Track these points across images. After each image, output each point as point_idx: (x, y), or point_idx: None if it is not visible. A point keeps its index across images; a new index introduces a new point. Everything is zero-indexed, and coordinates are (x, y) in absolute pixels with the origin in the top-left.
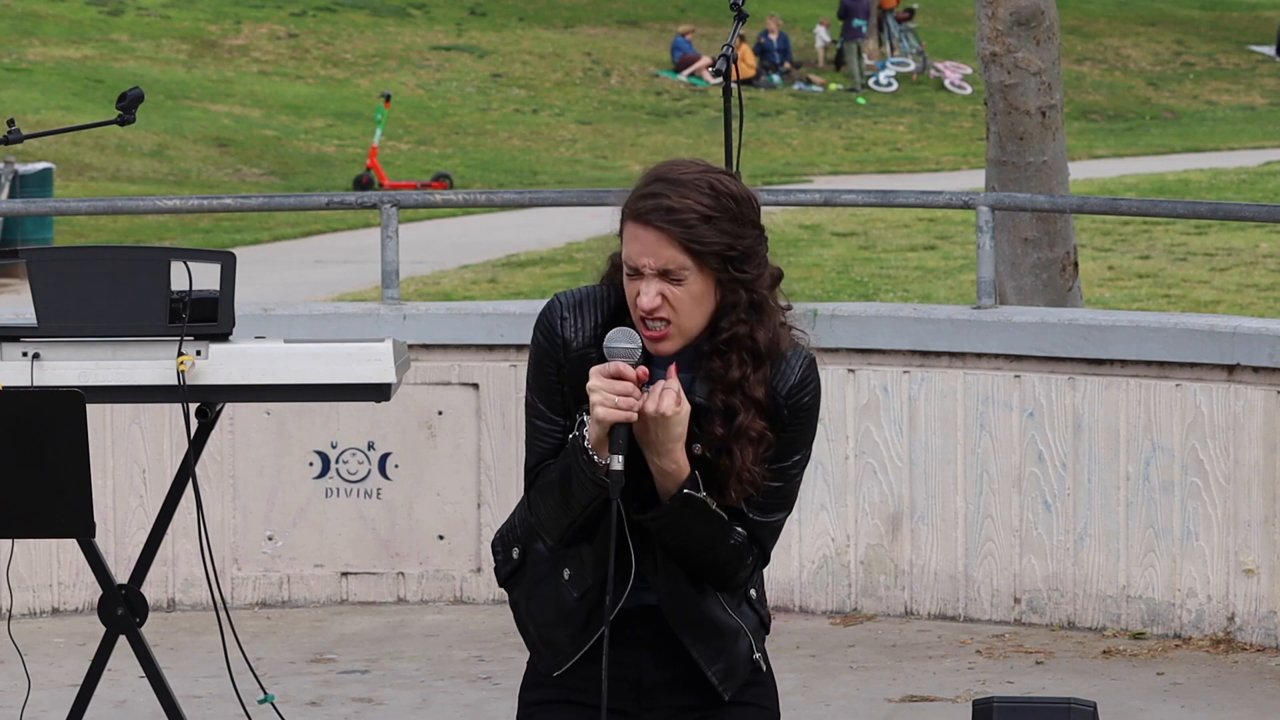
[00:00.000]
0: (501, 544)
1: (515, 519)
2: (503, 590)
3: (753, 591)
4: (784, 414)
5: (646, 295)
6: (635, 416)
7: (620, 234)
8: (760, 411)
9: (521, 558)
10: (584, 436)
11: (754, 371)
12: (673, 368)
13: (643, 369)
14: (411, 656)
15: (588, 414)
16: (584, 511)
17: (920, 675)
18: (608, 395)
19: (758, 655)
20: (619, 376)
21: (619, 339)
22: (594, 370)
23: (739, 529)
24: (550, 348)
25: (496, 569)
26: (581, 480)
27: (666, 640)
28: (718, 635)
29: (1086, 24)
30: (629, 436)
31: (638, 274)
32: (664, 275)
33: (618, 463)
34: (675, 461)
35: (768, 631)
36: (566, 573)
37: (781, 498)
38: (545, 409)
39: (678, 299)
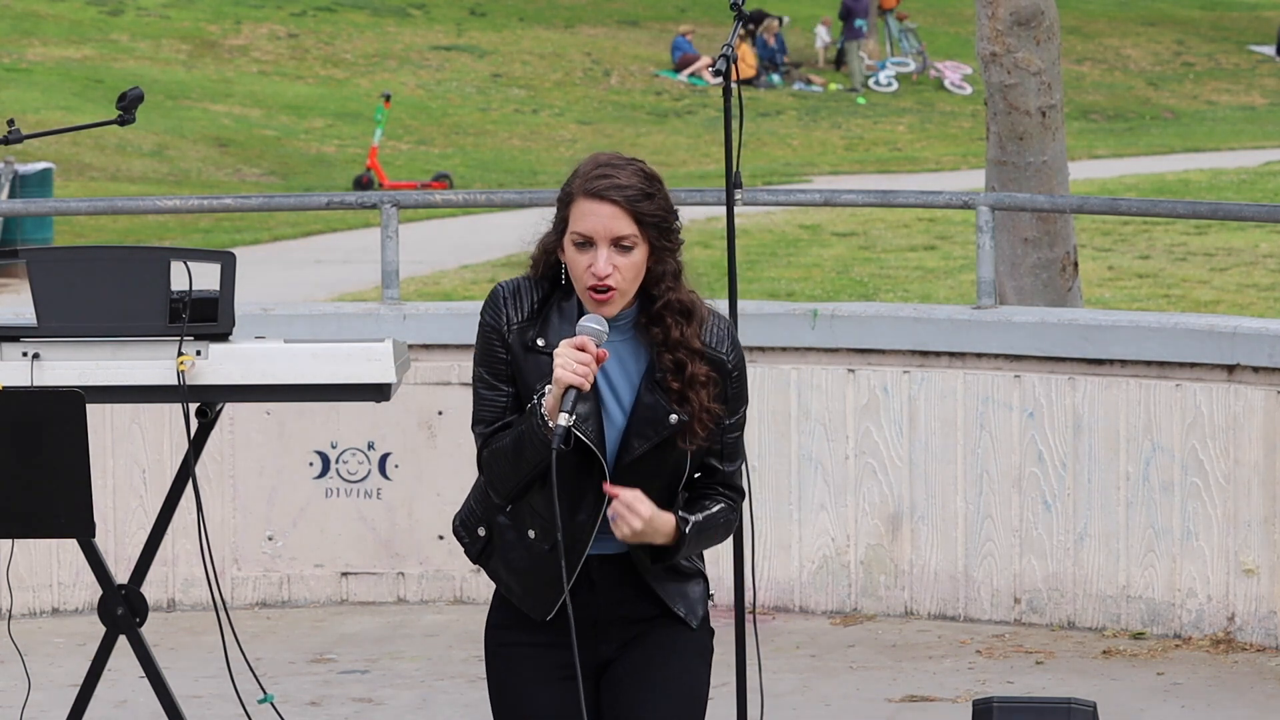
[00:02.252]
0: (464, 528)
1: (472, 502)
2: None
3: None
4: (728, 368)
5: (600, 261)
6: (588, 385)
7: (564, 215)
8: (702, 359)
9: (488, 534)
10: (541, 404)
11: (688, 327)
12: (606, 485)
13: (603, 350)
14: (411, 656)
15: (549, 386)
16: (532, 470)
17: (920, 675)
18: (567, 360)
19: (713, 593)
20: (582, 349)
21: (591, 321)
22: (563, 342)
23: (723, 505)
24: (496, 324)
25: (466, 550)
26: (534, 442)
27: (622, 585)
28: (678, 579)
29: (1086, 24)
30: (577, 400)
31: (589, 245)
32: (615, 244)
33: (564, 419)
34: (665, 533)
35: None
36: (532, 533)
37: (740, 446)
38: (490, 378)
39: (624, 267)
